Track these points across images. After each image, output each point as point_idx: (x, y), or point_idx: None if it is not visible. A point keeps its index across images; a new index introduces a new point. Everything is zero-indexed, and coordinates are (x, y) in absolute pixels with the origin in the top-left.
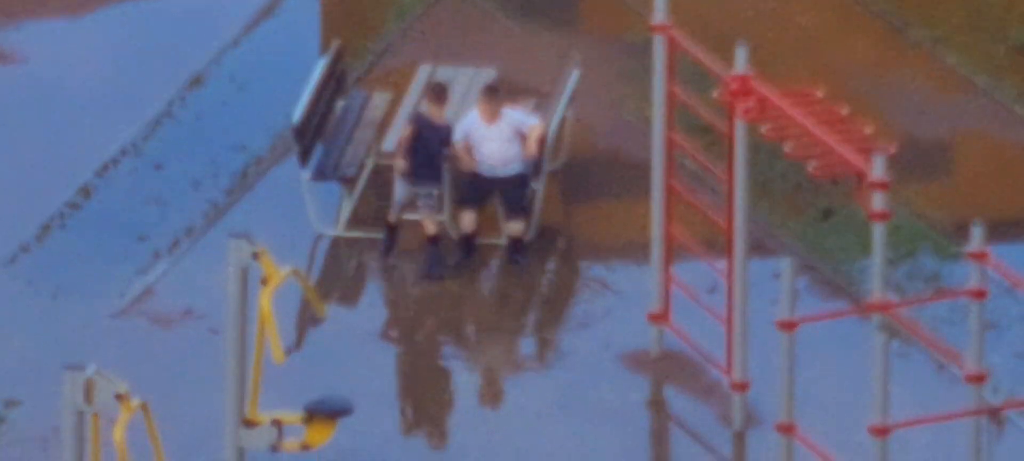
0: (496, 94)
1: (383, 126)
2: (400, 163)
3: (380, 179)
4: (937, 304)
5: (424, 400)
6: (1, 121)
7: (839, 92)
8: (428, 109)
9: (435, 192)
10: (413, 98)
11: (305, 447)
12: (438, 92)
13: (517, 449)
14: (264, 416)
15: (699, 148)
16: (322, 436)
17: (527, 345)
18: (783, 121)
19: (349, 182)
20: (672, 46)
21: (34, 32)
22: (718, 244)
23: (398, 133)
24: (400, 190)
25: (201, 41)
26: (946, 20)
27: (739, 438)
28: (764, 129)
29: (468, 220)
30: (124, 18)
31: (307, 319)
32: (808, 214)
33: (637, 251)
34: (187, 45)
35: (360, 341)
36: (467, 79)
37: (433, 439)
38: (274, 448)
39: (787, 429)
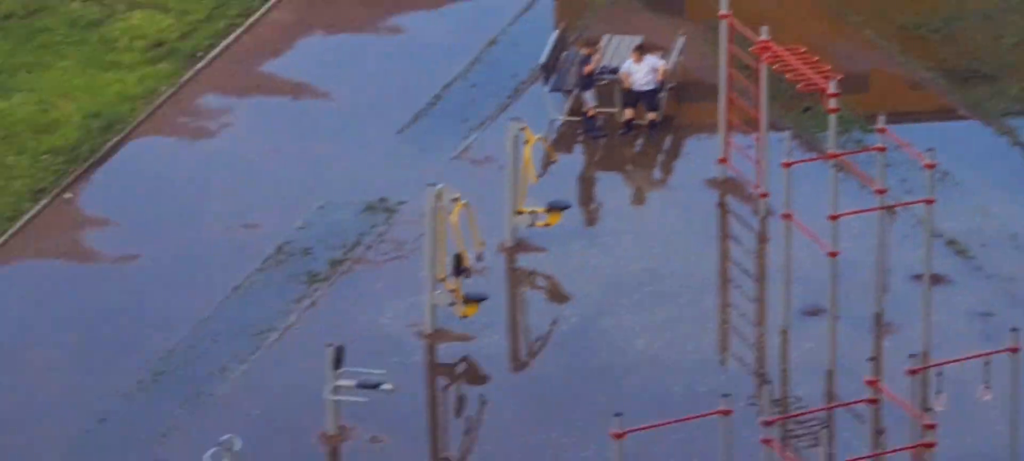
0: (641, 48)
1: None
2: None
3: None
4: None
5: (603, 201)
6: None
7: (813, 47)
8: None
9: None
10: (603, 53)
11: (547, 225)
12: (588, 38)
13: (645, 222)
14: (526, 208)
15: (743, 78)
16: (555, 219)
17: (656, 173)
18: (785, 62)
19: (568, 92)
20: (731, 26)
21: (407, 17)
22: (752, 124)
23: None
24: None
25: (496, 20)
26: (866, 10)
27: (763, 222)
28: (775, 66)
29: (628, 113)
30: (461, 13)
31: (546, 162)
32: (796, 110)
33: (712, 127)
34: (486, 24)
35: (573, 173)
36: (627, 41)
37: (604, 222)
38: (532, 225)
39: (787, 216)
